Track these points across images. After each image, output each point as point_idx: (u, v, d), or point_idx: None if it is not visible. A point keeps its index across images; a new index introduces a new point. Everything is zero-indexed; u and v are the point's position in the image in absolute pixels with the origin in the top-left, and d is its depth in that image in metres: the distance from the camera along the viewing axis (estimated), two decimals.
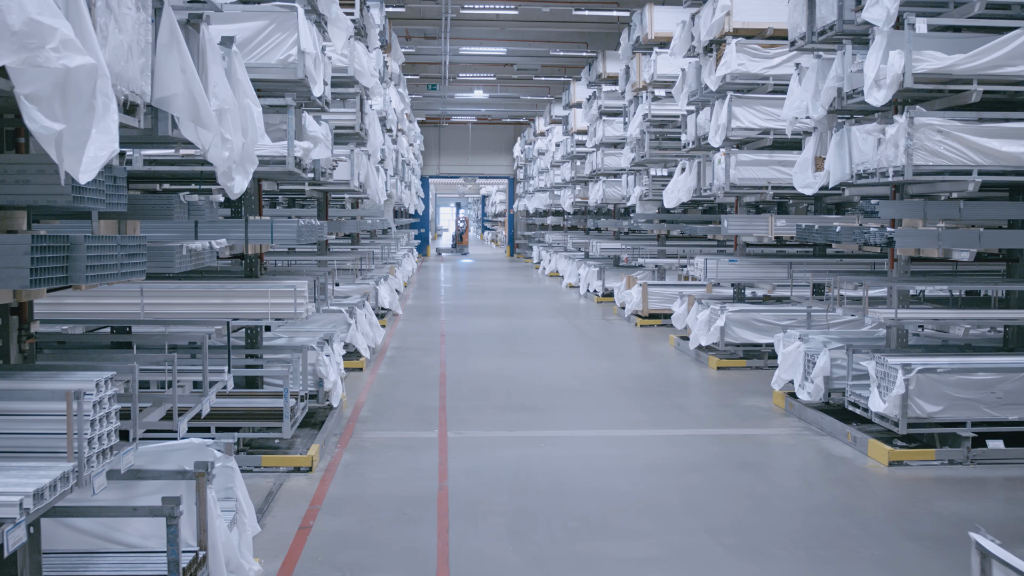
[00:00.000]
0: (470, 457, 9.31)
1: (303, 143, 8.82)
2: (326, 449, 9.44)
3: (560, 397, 12.49)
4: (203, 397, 5.33)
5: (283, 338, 10.88)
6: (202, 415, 5.35)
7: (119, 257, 4.02)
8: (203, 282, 9.20)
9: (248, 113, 5.60)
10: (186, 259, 5.15)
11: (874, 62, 9.23)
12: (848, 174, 10.27)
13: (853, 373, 10.23)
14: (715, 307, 14.83)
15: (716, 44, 14.69)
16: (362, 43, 14.05)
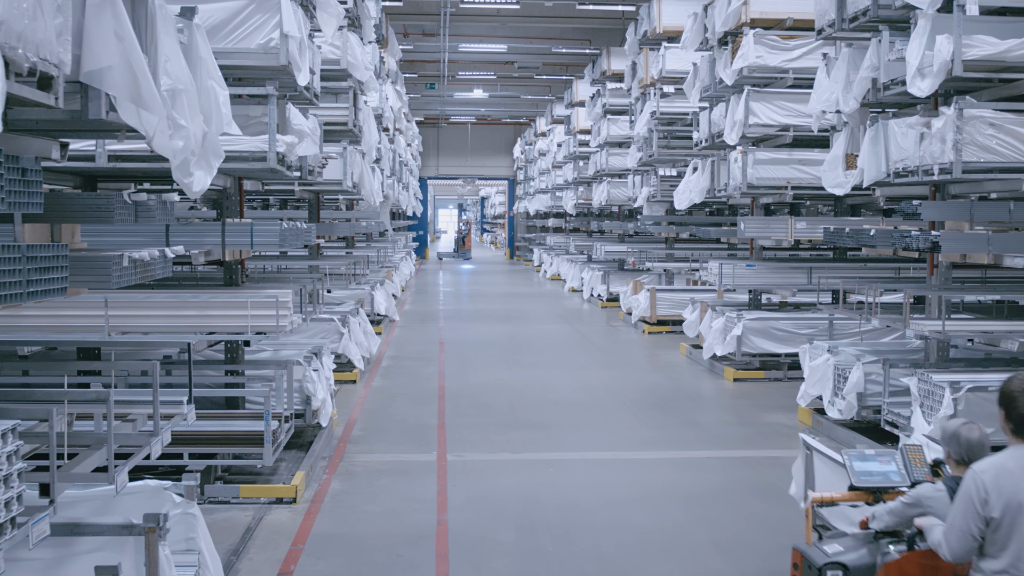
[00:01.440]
0: (472, 485, 8.43)
1: (287, 137, 7.95)
2: (313, 476, 8.56)
3: (567, 412, 11.62)
4: (153, 437, 4.46)
5: (267, 351, 10.00)
6: (151, 457, 4.48)
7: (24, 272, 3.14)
8: (177, 292, 8.34)
9: (211, 97, 4.73)
10: (128, 272, 4.29)
11: (917, 48, 8.37)
12: (884, 172, 9.41)
13: (890, 389, 9.37)
14: (731, 314, 13.95)
15: (732, 36, 13.83)
16: (356, 34, 13.18)
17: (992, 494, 3.53)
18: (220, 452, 7.96)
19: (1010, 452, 3.63)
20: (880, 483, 4.51)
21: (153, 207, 4.69)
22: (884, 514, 4.21)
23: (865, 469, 4.58)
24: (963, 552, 3.60)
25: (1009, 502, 3.51)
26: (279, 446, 8.14)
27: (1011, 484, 3.53)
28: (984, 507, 3.54)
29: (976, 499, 3.55)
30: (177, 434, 7.86)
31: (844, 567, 4.05)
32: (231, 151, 7.70)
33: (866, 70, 9.49)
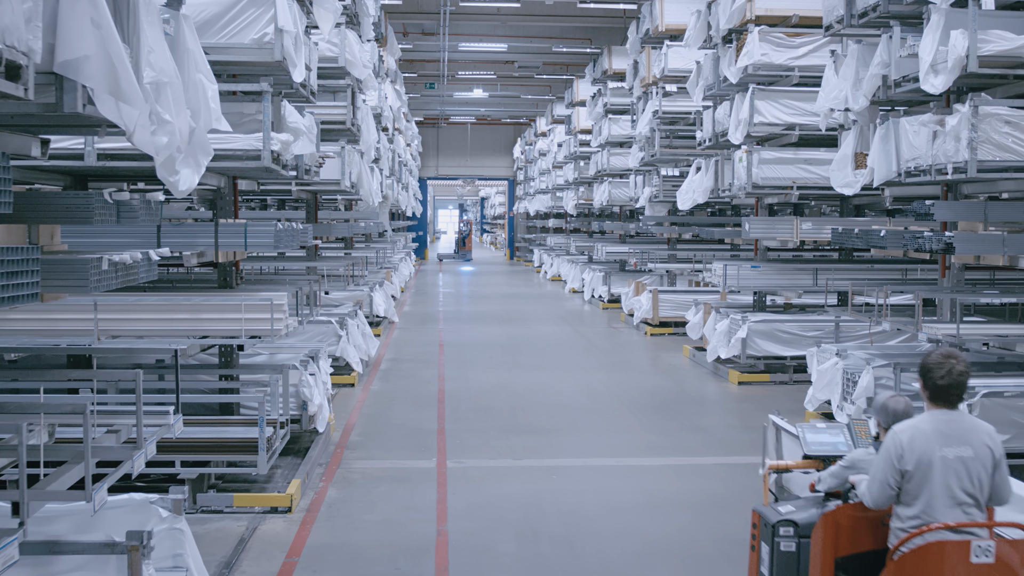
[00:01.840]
0: (472, 493, 8.20)
1: (282, 135, 7.71)
2: (309, 483, 8.32)
3: (569, 416, 11.39)
4: (136, 450, 4.22)
5: (263, 355, 9.75)
6: (133, 472, 4.25)
7: None
8: (169, 295, 8.11)
9: (199, 91, 4.50)
10: (108, 275, 4.05)
11: (931, 44, 8.15)
12: (895, 171, 9.19)
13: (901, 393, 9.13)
14: (735, 316, 13.72)
15: (736, 33, 13.61)
16: (354, 32, 12.96)
17: (907, 451, 3.99)
18: (213, 460, 7.72)
19: (926, 416, 4.10)
20: (829, 452, 5.00)
21: (137, 207, 4.47)
22: (828, 477, 4.63)
23: (817, 440, 5.09)
24: (882, 500, 4.09)
25: (921, 458, 3.98)
26: (274, 453, 7.91)
27: (924, 443, 3.99)
28: (900, 461, 4.01)
29: (894, 455, 4.02)
30: (169, 441, 7.62)
31: (794, 523, 4.50)
32: (224, 149, 7.49)
33: (876, 67, 9.27)
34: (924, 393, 4.14)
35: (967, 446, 4.01)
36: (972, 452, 4.01)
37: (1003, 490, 4.10)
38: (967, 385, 4.11)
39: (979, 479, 4.02)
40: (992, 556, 3.84)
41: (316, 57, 9.67)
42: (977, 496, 4.02)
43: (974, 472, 4.00)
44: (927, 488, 3.98)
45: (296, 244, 8.34)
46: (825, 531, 4.28)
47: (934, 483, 3.98)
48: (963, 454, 4.00)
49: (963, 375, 4.06)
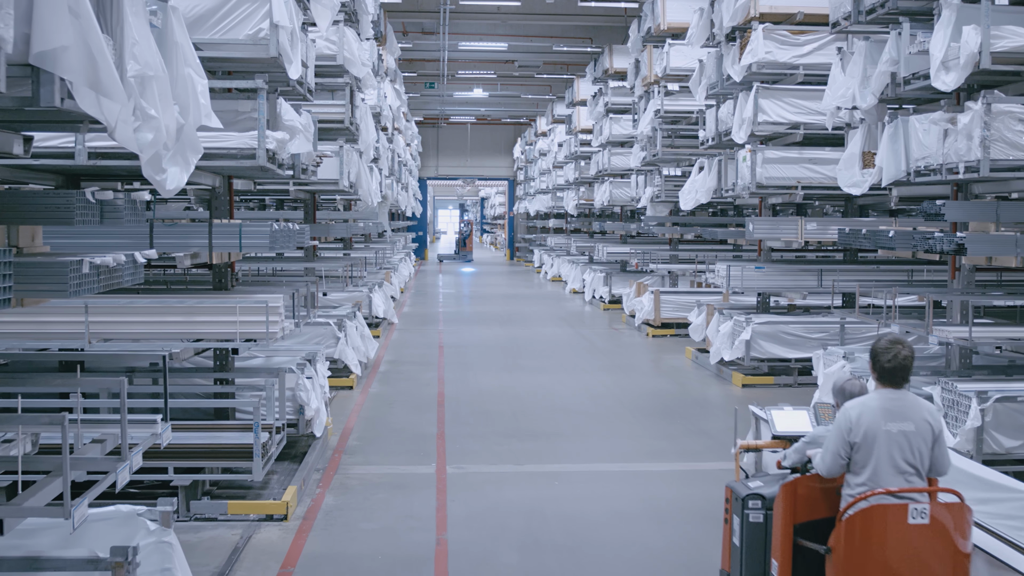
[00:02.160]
0: (473, 500, 8.01)
1: (277, 134, 7.53)
2: (305, 490, 8.13)
3: (571, 420, 11.20)
4: (120, 462, 4.03)
5: (259, 358, 9.57)
6: (117, 486, 4.05)
7: None
8: (162, 297, 7.92)
9: (188, 86, 4.31)
10: (89, 279, 3.86)
11: (942, 40, 7.96)
12: (904, 171, 9.00)
13: None
14: (739, 318, 13.53)
15: (740, 31, 13.41)
16: (352, 30, 12.76)
17: (856, 425, 4.41)
18: (207, 466, 7.53)
19: (875, 394, 4.53)
20: (794, 432, 5.31)
21: (121, 207, 4.28)
22: (792, 453, 4.95)
23: (784, 421, 5.48)
24: (834, 469, 4.50)
25: (867, 431, 4.40)
26: (269, 459, 7.73)
27: (870, 418, 4.41)
28: (849, 434, 4.43)
29: (844, 429, 4.44)
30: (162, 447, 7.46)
31: (762, 497, 4.83)
32: (218, 148, 7.31)
33: (885, 64, 9.08)
34: (873, 374, 4.57)
35: (909, 422, 4.43)
36: (914, 427, 4.43)
37: (942, 462, 4.53)
38: (911, 368, 4.53)
39: (919, 451, 4.44)
40: (927, 518, 4.29)
41: (313, 54, 9.49)
42: (918, 466, 4.45)
43: (915, 445, 4.43)
44: (873, 458, 4.41)
45: (292, 245, 8.15)
46: (785, 500, 4.61)
47: (879, 454, 4.40)
48: (905, 428, 4.42)
49: (907, 359, 4.50)
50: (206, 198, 9.65)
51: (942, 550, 4.32)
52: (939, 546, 4.31)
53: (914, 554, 4.29)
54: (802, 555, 4.56)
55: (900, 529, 4.28)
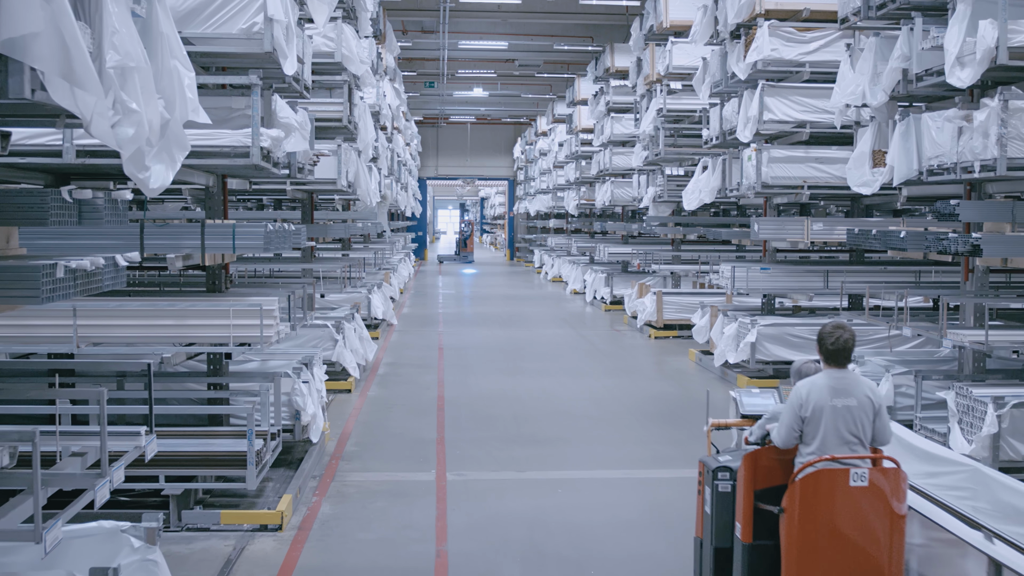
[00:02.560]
0: (474, 509, 7.78)
1: (272, 131, 7.29)
2: (301, 498, 7.90)
3: (574, 425, 10.96)
4: (100, 479, 3.80)
5: (255, 361, 9.35)
6: (95, 504, 3.82)
7: None
8: (153, 300, 7.69)
9: (174, 79, 4.07)
10: (64, 284, 3.62)
11: (957, 35, 7.73)
12: (916, 170, 8.78)
13: (922, 403, 8.73)
14: (744, 320, 13.29)
15: (745, 28, 13.17)
16: (351, 26, 12.53)
17: (806, 401, 4.92)
18: (200, 474, 7.30)
19: (822, 374, 5.04)
20: (761, 411, 5.72)
21: (101, 206, 4.05)
22: (756, 429, 5.41)
23: (751, 402, 5.94)
24: (789, 440, 5.01)
25: (816, 407, 4.91)
26: (264, 467, 7.50)
27: (818, 395, 4.92)
28: (800, 409, 4.93)
29: (796, 405, 4.94)
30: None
31: (730, 469, 5.30)
32: (211, 146, 7.09)
33: (896, 60, 8.85)
34: (820, 356, 5.09)
35: (852, 398, 4.94)
36: (856, 402, 4.94)
37: (884, 433, 5.04)
38: (853, 349, 5.04)
39: (861, 424, 4.94)
40: (866, 481, 4.82)
41: (310, 51, 9.27)
42: (861, 437, 4.96)
43: (857, 418, 4.93)
44: (821, 430, 4.92)
45: (288, 246, 7.92)
46: (746, 470, 5.12)
47: (826, 426, 4.92)
48: (849, 404, 4.93)
49: (848, 341, 5.01)
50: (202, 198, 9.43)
51: (880, 510, 4.86)
52: (877, 507, 4.86)
53: (855, 513, 4.84)
54: (761, 517, 5.09)
55: (843, 491, 4.83)
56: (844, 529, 4.82)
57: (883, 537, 4.84)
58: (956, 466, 5.43)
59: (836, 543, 4.83)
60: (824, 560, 4.83)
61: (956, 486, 5.31)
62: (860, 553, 4.84)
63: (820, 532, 4.82)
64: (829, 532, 4.82)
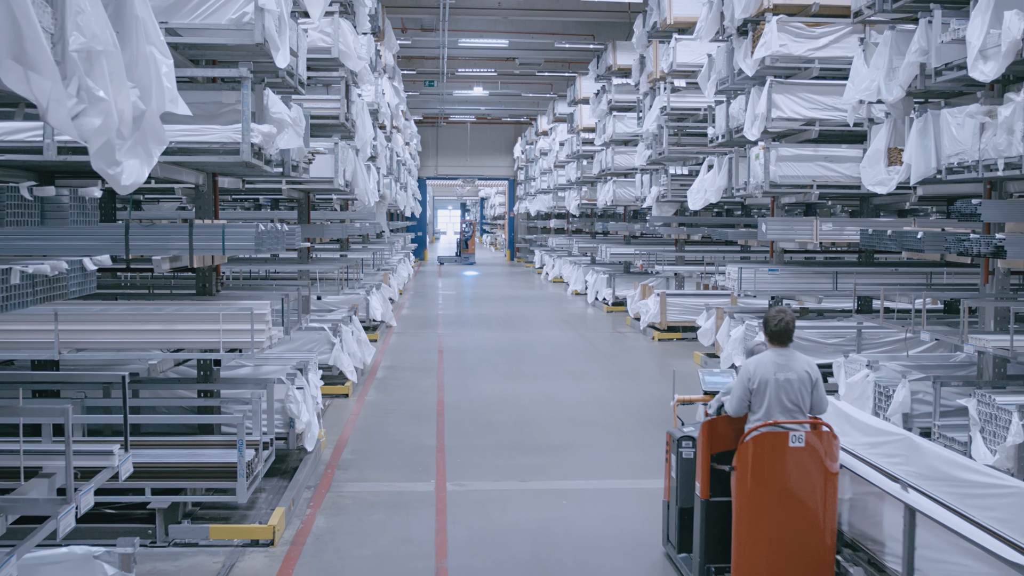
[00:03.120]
0: (475, 522, 7.44)
1: (263, 127, 6.95)
2: (295, 510, 7.56)
3: (578, 432, 10.63)
4: (64, 505, 3.46)
5: (248, 367, 9.01)
6: (58, 535, 3.48)
7: None
8: (139, 304, 7.36)
9: (150, 67, 3.74)
10: (20, 291, 3.28)
11: (980, 27, 7.39)
12: (934, 168, 8.44)
13: (941, 410, 8.40)
14: (751, 323, 12.95)
15: (752, 24, 12.85)
16: (348, 21, 12.19)
17: (753, 375, 5.67)
18: (188, 487, 6.96)
19: (768, 352, 5.79)
20: (719, 388, 6.37)
21: (65, 204, 3.72)
22: (714, 402, 6.17)
23: (712, 380, 6.68)
24: (739, 409, 5.76)
25: (761, 379, 5.64)
26: (256, 478, 7.16)
27: (764, 370, 5.66)
28: (749, 382, 5.68)
29: (745, 379, 5.70)
30: (139, 465, 6.89)
31: (692, 438, 6.12)
32: (199, 142, 6.74)
33: (913, 54, 8.52)
34: (765, 337, 5.84)
35: (793, 372, 5.67)
36: (796, 376, 5.66)
37: (820, 403, 5.76)
38: (793, 331, 5.83)
39: (801, 394, 5.66)
40: (803, 442, 5.57)
41: (304, 44, 8.93)
42: (800, 405, 5.66)
43: (797, 389, 5.65)
44: (766, 400, 5.64)
45: (281, 247, 7.58)
46: (704, 436, 5.89)
47: (770, 397, 5.63)
48: (790, 377, 5.65)
49: (790, 324, 5.78)
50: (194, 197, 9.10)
51: (815, 467, 5.60)
52: (813, 464, 5.60)
53: (794, 470, 5.58)
54: (717, 476, 5.83)
55: (782, 450, 5.57)
56: (785, 483, 5.57)
57: (818, 490, 5.61)
58: (891, 436, 6.06)
59: (779, 495, 5.58)
60: (769, 510, 5.57)
61: (892, 453, 5.93)
62: (799, 504, 5.59)
63: (765, 486, 5.57)
64: (772, 486, 5.57)
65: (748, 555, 5.58)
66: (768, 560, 5.56)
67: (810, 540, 5.59)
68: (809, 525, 5.57)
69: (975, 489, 5.06)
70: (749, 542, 5.57)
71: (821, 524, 5.58)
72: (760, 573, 5.57)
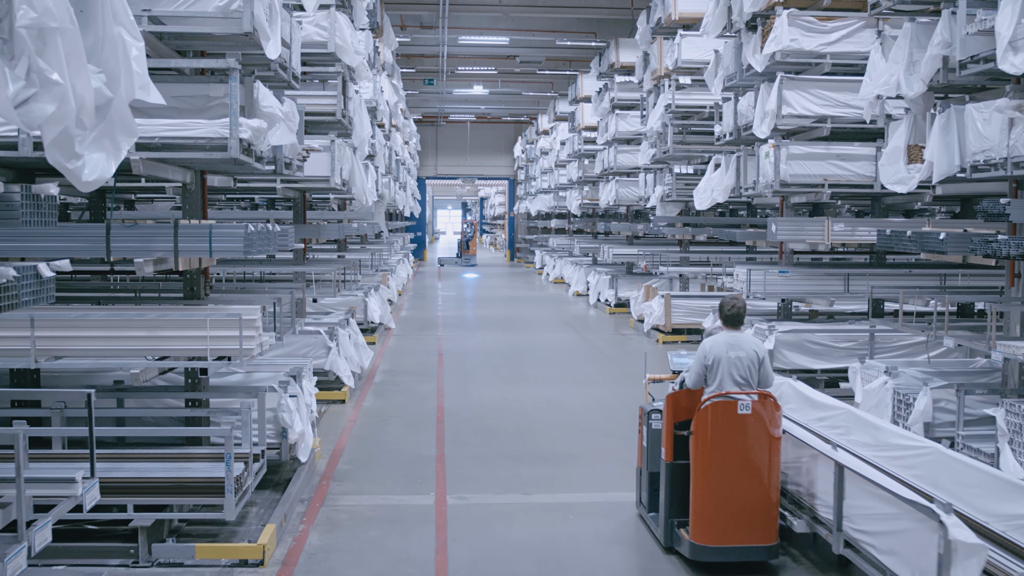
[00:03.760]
0: (477, 539, 7.05)
1: (253, 122, 6.56)
2: (287, 527, 7.17)
3: (583, 440, 10.24)
4: (15, 545, 3.06)
5: (239, 373, 8.62)
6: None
7: None
8: (121, 308, 6.97)
9: (117, 49, 3.35)
10: None
11: (1010, 17, 6.99)
12: (958, 165, 8.05)
13: (965, 419, 8.01)
14: (760, 326, 12.56)
15: (762, 18, 12.46)
16: (345, 15, 11.79)
17: (708, 353, 6.46)
18: (173, 503, 6.57)
19: (722, 333, 6.60)
20: (685, 367, 7.03)
21: (16, 203, 3.34)
22: (678, 380, 6.93)
23: (679, 361, 7.57)
24: (697, 382, 6.53)
25: (715, 357, 6.42)
26: (246, 492, 6.77)
27: (718, 348, 6.46)
28: (704, 359, 6.47)
29: (701, 356, 6.50)
30: (121, 480, 6.51)
31: (660, 411, 6.85)
32: (185, 137, 6.36)
33: (936, 47, 8.12)
34: (720, 320, 6.69)
35: (742, 351, 6.48)
36: (745, 354, 6.47)
37: (767, 378, 6.57)
38: (744, 316, 6.69)
39: (749, 370, 6.46)
40: (750, 410, 6.30)
41: (299, 36, 8.54)
42: (749, 380, 6.46)
43: (746, 365, 6.45)
44: (719, 374, 6.45)
45: (272, 248, 7.19)
46: (668, 406, 6.69)
47: (723, 371, 6.44)
48: (740, 355, 6.46)
49: (741, 309, 6.66)
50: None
51: (760, 432, 6.34)
52: (758, 429, 6.33)
53: (742, 433, 6.32)
54: (679, 442, 6.61)
55: (732, 416, 6.32)
56: (735, 445, 6.31)
57: (764, 451, 6.33)
58: (835, 410, 7.03)
59: (729, 456, 6.30)
60: (720, 469, 6.30)
61: (836, 425, 6.96)
62: (747, 463, 6.31)
63: (717, 448, 6.31)
64: (724, 448, 6.31)
65: (703, 508, 6.34)
66: (720, 512, 6.30)
67: (757, 495, 6.31)
68: (756, 482, 6.30)
69: (902, 452, 6.18)
70: (704, 497, 6.34)
71: (767, 481, 6.31)
72: (713, 524, 6.32)
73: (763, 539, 6.29)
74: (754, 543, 6.29)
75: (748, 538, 6.28)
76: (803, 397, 7.40)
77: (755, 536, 6.28)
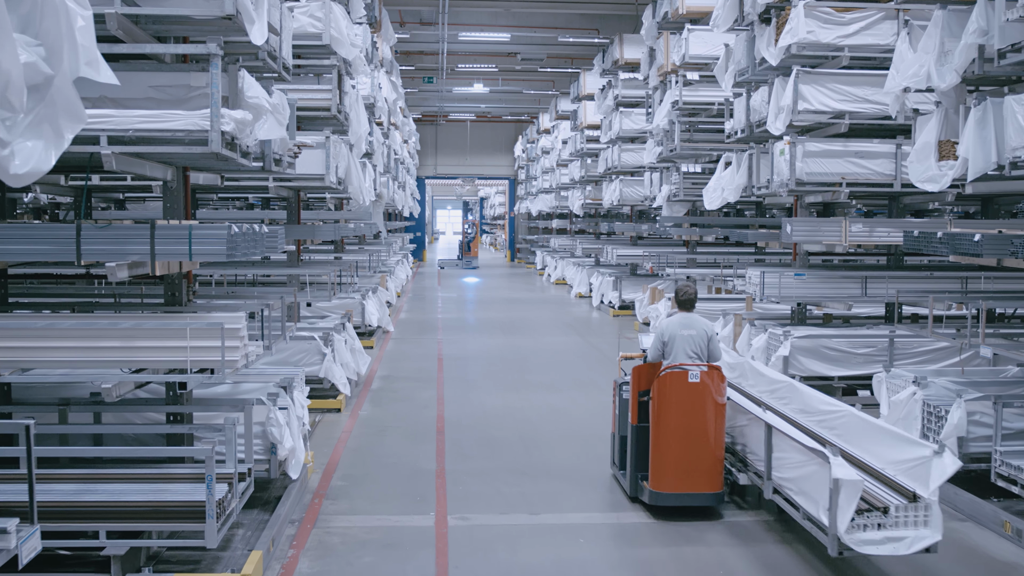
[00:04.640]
0: (481, 567, 6.51)
1: (236, 113, 6.02)
2: (275, 552, 6.63)
3: (591, 452, 9.68)
4: None
5: (225, 384, 8.08)
6: None
7: None
8: (94, 317, 6.43)
9: (59, 19, 2.81)
10: None
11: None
12: (995, 162, 7.52)
13: (1003, 433, 7.48)
14: (775, 331, 12.01)
15: (776, 10, 11.93)
16: (341, 7, 11.26)
17: (665, 332, 7.64)
18: (150, 528, 6.03)
19: (677, 315, 7.83)
20: None
21: None
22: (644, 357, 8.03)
23: (647, 339, 8.08)
24: (656, 356, 7.66)
25: (671, 335, 7.58)
26: (229, 517, 6.23)
27: (673, 328, 7.62)
28: (662, 336, 7.65)
29: (659, 335, 7.69)
30: (94, 504, 5.97)
31: (628, 383, 7.85)
32: (162, 130, 5.82)
33: (971, 35, 7.59)
34: (675, 303, 7.87)
35: (694, 329, 7.57)
36: (696, 332, 7.56)
37: (716, 353, 7.63)
38: (696, 300, 7.88)
39: (700, 346, 7.53)
40: (699, 379, 7.38)
41: (290, 25, 8.00)
42: (700, 354, 7.52)
43: (697, 342, 7.53)
44: (675, 350, 7.50)
45: (260, 250, 6.66)
46: (634, 377, 7.71)
47: (677, 347, 7.50)
48: (692, 333, 7.55)
49: (694, 295, 7.88)
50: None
51: (707, 398, 7.40)
52: (706, 395, 7.39)
53: (691, 399, 7.38)
54: (642, 407, 7.66)
55: (683, 384, 7.38)
56: (685, 409, 7.39)
57: (711, 415, 7.41)
58: (780, 383, 8.20)
59: (681, 418, 7.39)
60: (674, 430, 7.39)
61: (782, 396, 8.09)
62: (696, 424, 7.38)
63: (671, 412, 7.40)
64: (677, 411, 7.39)
65: (660, 463, 7.47)
66: (674, 467, 7.41)
67: (705, 452, 7.41)
68: (704, 441, 7.40)
69: (827, 416, 7.33)
70: (660, 452, 7.46)
71: (712, 440, 7.41)
72: (668, 476, 7.43)
73: (709, 487, 7.44)
74: (702, 491, 7.42)
75: (697, 486, 7.41)
76: (758, 373, 8.69)
77: (703, 484, 7.41)
